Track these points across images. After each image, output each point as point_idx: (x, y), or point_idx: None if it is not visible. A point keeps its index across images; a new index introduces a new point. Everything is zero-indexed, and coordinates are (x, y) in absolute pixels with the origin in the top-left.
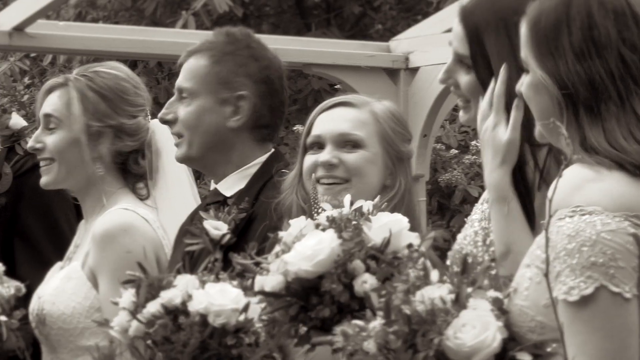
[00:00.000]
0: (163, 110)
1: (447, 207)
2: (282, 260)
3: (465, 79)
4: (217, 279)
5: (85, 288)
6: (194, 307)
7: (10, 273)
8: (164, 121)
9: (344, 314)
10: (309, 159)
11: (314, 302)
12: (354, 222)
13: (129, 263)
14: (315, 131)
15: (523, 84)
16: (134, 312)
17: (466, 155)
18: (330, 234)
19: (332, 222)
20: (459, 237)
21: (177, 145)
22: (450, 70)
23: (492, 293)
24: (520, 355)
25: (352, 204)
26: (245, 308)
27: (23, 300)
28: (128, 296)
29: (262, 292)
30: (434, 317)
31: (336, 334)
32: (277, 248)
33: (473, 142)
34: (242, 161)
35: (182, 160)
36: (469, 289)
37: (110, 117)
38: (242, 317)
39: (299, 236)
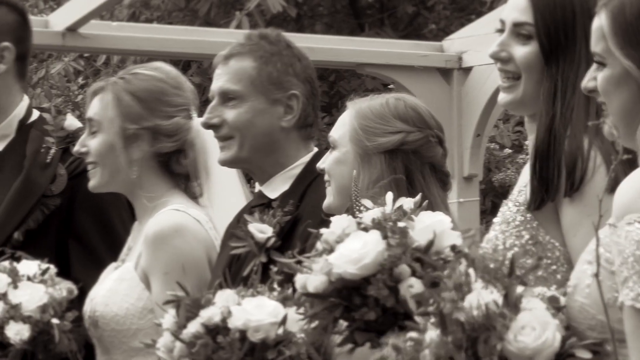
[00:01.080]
0: (206, 115)
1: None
2: (326, 261)
3: (521, 50)
4: (256, 293)
5: (138, 289)
6: (233, 324)
7: (65, 274)
8: (208, 126)
9: (388, 316)
10: None
11: (357, 302)
12: (399, 225)
13: (180, 264)
14: None
15: (599, 79)
16: (176, 333)
17: (520, 155)
18: (375, 236)
19: (378, 224)
20: (484, 240)
21: (223, 147)
22: (505, 43)
23: (540, 290)
24: (579, 353)
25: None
26: (284, 320)
27: (78, 301)
28: (169, 317)
29: (306, 294)
30: (491, 321)
31: (385, 347)
32: (319, 246)
33: (527, 142)
34: (288, 162)
35: (230, 162)
36: (520, 290)
37: (145, 119)
38: (281, 330)
39: (342, 236)
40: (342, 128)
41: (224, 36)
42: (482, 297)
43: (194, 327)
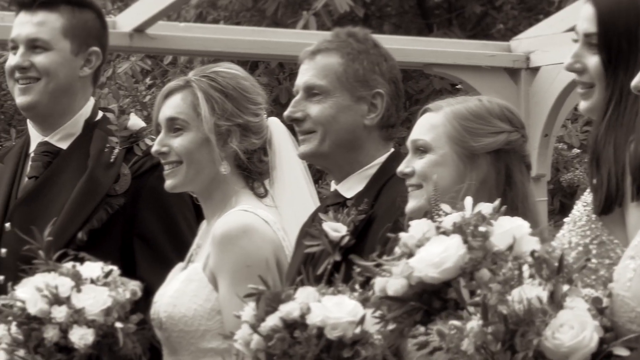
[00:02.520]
0: (290, 109)
1: (570, 206)
2: (407, 264)
3: (593, 60)
4: (337, 292)
5: (206, 290)
6: (311, 320)
7: (130, 274)
8: (291, 119)
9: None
10: None
11: (437, 306)
12: (480, 229)
13: (247, 265)
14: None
15: None
16: (254, 326)
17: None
18: (456, 240)
19: (459, 229)
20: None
21: (304, 141)
22: (579, 55)
23: (587, 291)
24: (617, 350)
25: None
26: (362, 320)
27: (144, 300)
28: (249, 310)
29: (386, 298)
30: (532, 317)
31: (432, 333)
32: (398, 250)
33: None
34: (367, 161)
35: (310, 155)
36: (565, 288)
37: (237, 115)
38: (358, 330)
39: (422, 240)
40: (434, 130)
41: (291, 37)
42: (525, 292)
43: (272, 320)
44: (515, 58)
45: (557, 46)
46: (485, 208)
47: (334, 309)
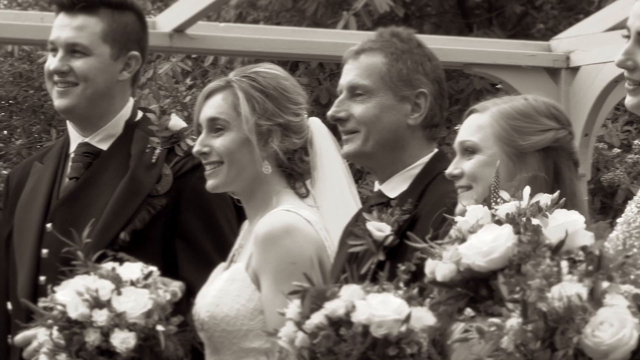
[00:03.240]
0: (333, 108)
1: (610, 206)
2: (456, 250)
3: None
4: (382, 289)
5: (249, 290)
6: (356, 318)
7: (172, 274)
8: (335, 119)
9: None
10: None
11: (484, 294)
12: (534, 223)
13: (290, 265)
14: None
15: None
16: (299, 323)
17: (629, 155)
18: (508, 231)
19: (512, 220)
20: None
21: (347, 140)
22: (630, 52)
23: (627, 287)
24: None
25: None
26: (407, 318)
27: (186, 300)
28: (294, 307)
29: (433, 282)
30: (572, 314)
31: (471, 330)
32: (452, 233)
33: (636, 141)
34: (410, 160)
35: (353, 155)
36: (605, 285)
37: (277, 115)
38: (404, 328)
39: (476, 226)
40: (481, 131)
41: (331, 37)
42: (565, 289)
43: (317, 318)
44: (555, 58)
45: (597, 46)
46: (544, 199)
47: (379, 307)
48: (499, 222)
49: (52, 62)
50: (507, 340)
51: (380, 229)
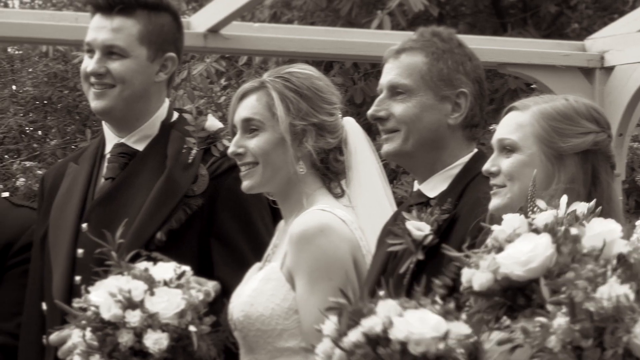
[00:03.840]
0: (373, 107)
1: None
2: (494, 259)
3: None
4: (419, 305)
5: (284, 289)
6: (394, 335)
7: (208, 274)
8: (375, 118)
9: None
10: None
11: (521, 303)
12: (572, 233)
13: (325, 264)
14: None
15: None
16: (336, 340)
17: None
18: (546, 240)
19: (550, 231)
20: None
21: (387, 140)
22: None
23: None
24: None
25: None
26: (446, 335)
27: (220, 300)
28: (330, 324)
29: (471, 292)
30: (620, 314)
31: (515, 331)
32: (488, 242)
33: None
34: (450, 160)
35: (393, 154)
36: None
37: (312, 115)
38: (442, 345)
39: (513, 236)
40: (521, 130)
41: (366, 37)
42: (614, 289)
43: (354, 335)
44: (590, 57)
45: (631, 45)
46: (581, 207)
47: (417, 324)
48: (536, 231)
49: (88, 63)
50: (554, 340)
51: (419, 228)
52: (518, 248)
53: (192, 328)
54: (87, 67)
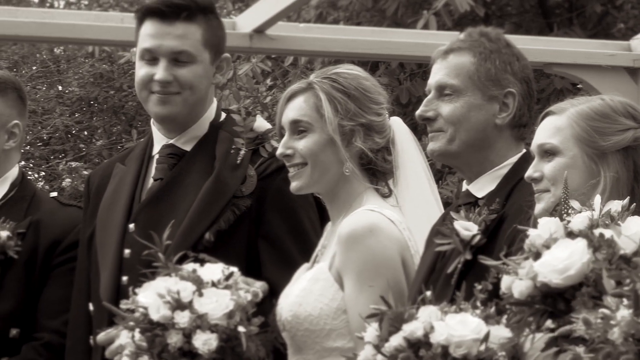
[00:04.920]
0: (421, 108)
1: None
2: (531, 267)
3: None
4: (459, 310)
5: (332, 289)
6: (435, 338)
7: (256, 274)
8: (423, 118)
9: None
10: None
11: (562, 308)
12: (607, 236)
13: (373, 264)
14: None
15: None
16: (378, 347)
17: None
18: (582, 246)
19: (586, 236)
20: None
21: (433, 138)
22: None
23: None
24: None
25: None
26: (486, 338)
27: (269, 301)
28: (372, 330)
29: (511, 302)
30: None
31: (576, 322)
32: (526, 248)
33: None
34: (498, 160)
35: (439, 154)
36: None
37: (360, 115)
38: (483, 347)
39: (549, 241)
40: (560, 133)
41: (412, 37)
42: None
43: (396, 340)
44: (635, 57)
45: None
46: (615, 206)
47: (457, 327)
48: (571, 234)
49: (150, 70)
50: (617, 332)
51: (467, 228)
52: (555, 255)
53: (241, 328)
54: (155, 75)
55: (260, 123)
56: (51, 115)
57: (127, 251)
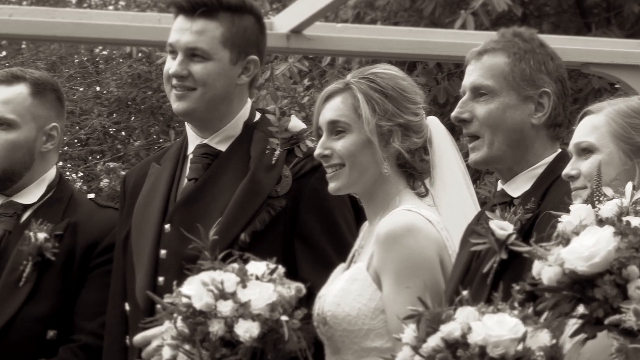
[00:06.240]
0: (457, 109)
1: None
2: (559, 254)
3: None
4: (497, 310)
5: (370, 289)
6: (473, 339)
7: (292, 275)
8: (458, 120)
9: (618, 311)
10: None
11: (590, 295)
12: (633, 226)
13: (412, 264)
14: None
15: None
16: (416, 348)
17: None
18: (608, 233)
19: (613, 224)
20: None
21: (473, 148)
22: None
23: None
24: None
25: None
26: (524, 337)
27: (305, 302)
28: (410, 332)
29: (539, 288)
30: None
31: (626, 312)
32: (557, 233)
33: None
34: (534, 160)
35: (483, 162)
36: None
37: (398, 115)
38: (520, 347)
39: (579, 227)
40: (597, 131)
41: (449, 37)
42: None
43: (434, 341)
44: None
45: None
46: None
47: (495, 327)
48: (601, 222)
49: (171, 65)
50: None
51: (502, 227)
52: (581, 242)
53: (283, 318)
54: (170, 69)
55: (295, 123)
56: (89, 115)
57: (163, 252)
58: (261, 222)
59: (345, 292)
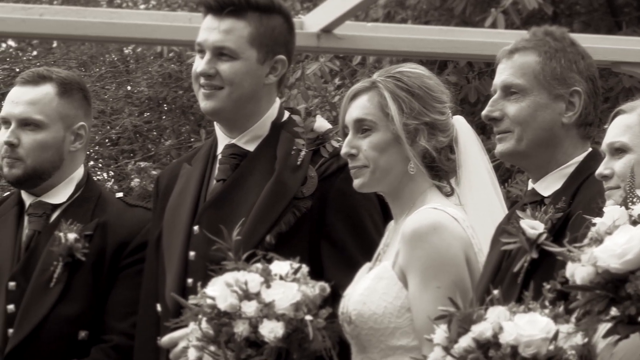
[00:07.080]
0: (488, 108)
1: None
2: (592, 253)
3: None
4: (528, 309)
5: (396, 288)
6: (504, 339)
7: (318, 276)
8: (489, 119)
9: None
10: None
11: (623, 294)
12: None
13: (438, 262)
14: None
15: None
16: (447, 348)
17: None
18: None
19: None
20: None
21: (500, 140)
22: None
23: None
24: None
25: None
26: (555, 336)
27: (331, 302)
28: (441, 332)
29: (573, 286)
30: None
31: None
32: (590, 235)
33: None
34: (564, 159)
35: (507, 155)
36: None
37: (424, 114)
38: (552, 346)
39: (612, 228)
40: (630, 130)
41: (479, 36)
42: None
43: (465, 341)
44: None
45: None
46: None
47: (526, 327)
48: (635, 223)
49: (199, 64)
50: None
51: (533, 227)
52: (614, 241)
53: (308, 317)
54: (198, 68)
55: (321, 123)
56: (120, 115)
57: (192, 253)
58: (286, 223)
59: (371, 290)
